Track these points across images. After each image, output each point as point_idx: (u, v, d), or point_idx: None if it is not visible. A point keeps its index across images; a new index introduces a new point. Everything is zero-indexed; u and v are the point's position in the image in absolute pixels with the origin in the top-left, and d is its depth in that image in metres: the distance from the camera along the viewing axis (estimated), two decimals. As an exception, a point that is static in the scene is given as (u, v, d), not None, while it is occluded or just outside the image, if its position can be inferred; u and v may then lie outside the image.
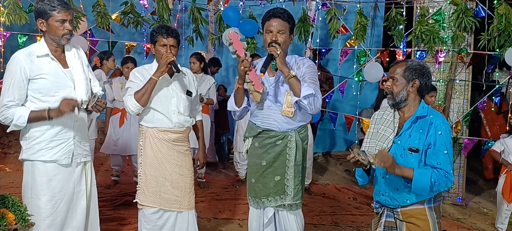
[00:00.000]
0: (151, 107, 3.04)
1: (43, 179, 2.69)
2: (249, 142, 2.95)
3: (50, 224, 2.70)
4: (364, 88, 7.02)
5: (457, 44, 5.54)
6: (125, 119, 5.36)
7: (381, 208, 2.56)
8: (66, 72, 2.71)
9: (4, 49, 5.86)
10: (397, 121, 2.50)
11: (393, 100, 2.47)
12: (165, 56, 2.91)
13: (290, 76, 2.66)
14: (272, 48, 2.66)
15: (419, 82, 2.43)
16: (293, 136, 2.83)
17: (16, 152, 6.54)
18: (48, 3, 2.57)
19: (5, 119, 2.60)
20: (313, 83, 2.74)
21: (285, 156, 2.83)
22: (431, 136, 2.35)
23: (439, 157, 2.33)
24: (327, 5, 6.24)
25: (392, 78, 2.48)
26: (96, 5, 6.08)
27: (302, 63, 2.84)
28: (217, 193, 5.34)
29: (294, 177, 2.84)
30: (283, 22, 2.75)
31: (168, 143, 3.07)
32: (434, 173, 2.29)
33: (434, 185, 2.28)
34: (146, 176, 3.08)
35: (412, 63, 2.46)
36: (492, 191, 4.91)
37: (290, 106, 2.75)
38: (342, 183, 6.16)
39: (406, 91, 2.44)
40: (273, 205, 2.88)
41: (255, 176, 2.92)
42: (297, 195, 2.87)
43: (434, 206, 2.44)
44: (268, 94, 2.82)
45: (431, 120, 2.39)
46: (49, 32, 2.63)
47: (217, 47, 7.02)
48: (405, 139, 2.42)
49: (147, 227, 3.10)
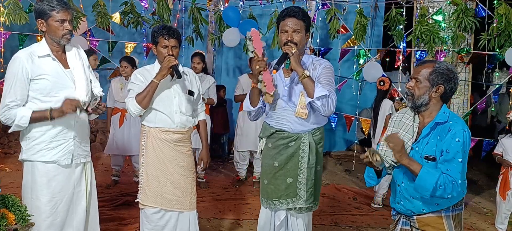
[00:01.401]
0: (153, 108, 3.04)
1: (43, 180, 2.68)
2: (263, 142, 2.91)
3: (50, 225, 2.70)
4: (364, 88, 7.02)
5: (457, 44, 5.55)
6: (125, 119, 5.37)
7: (397, 215, 2.47)
8: (67, 72, 2.70)
9: (4, 49, 5.86)
10: (417, 126, 2.35)
11: (412, 103, 2.31)
12: (167, 60, 2.90)
13: (304, 76, 2.59)
14: (287, 47, 2.62)
15: (444, 89, 2.25)
16: (306, 138, 2.77)
17: (16, 152, 6.54)
18: (47, 3, 2.57)
19: (7, 119, 2.59)
20: (328, 84, 2.67)
21: (298, 158, 2.78)
22: (446, 142, 2.19)
23: (452, 164, 2.18)
24: (327, 5, 6.25)
25: (415, 79, 2.29)
26: (96, 5, 6.08)
27: (318, 64, 2.78)
28: (217, 193, 5.34)
29: (307, 180, 2.78)
30: (299, 21, 2.69)
31: (170, 143, 3.07)
32: (442, 177, 2.15)
33: (438, 189, 2.15)
34: (147, 176, 3.08)
35: (440, 66, 2.26)
36: (492, 191, 4.91)
37: (304, 107, 2.70)
38: (342, 183, 6.16)
39: (429, 96, 2.27)
40: (284, 207, 2.83)
41: (268, 177, 2.88)
42: (310, 198, 2.81)
43: (453, 214, 2.31)
44: (282, 95, 2.78)
45: (450, 126, 2.22)
46: (49, 33, 2.63)
47: (217, 47, 7.02)
48: (423, 146, 2.28)
49: (148, 227, 3.10)
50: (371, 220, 4.66)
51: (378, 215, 4.85)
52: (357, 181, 6.30)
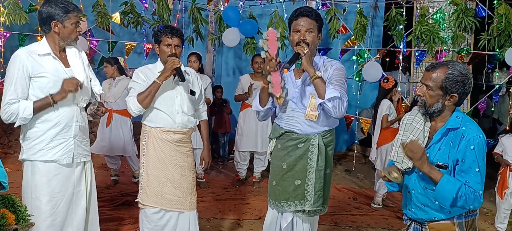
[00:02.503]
0: (155, 107, 3.04)
1: (43, 179, 2.69)
2: (273, 143, 2.89)
3: (50, 225, 2.70)
4: (364, 88, 7.02)
5: (457, 44, 5.55)
6: (112, 120, 5.34)
7: (409, 220, 2.38)
8: (67, 71, 2.71)
9: (4, 49, 5.87)
10: (428, 130, 2.22)
11: (425, 111, 2.17)
12: (171, 61, 2.89)
13: (315, 77, 2.54)
14: (299, 47, 2.57)
15: (458, 97, 2.10)
16: (315, 140, 2.73)
17: (16, 152, 6.53)
18: (63, 6, 2.61)
19: (10, 115, 2.58)
20: (339, 86, 2.61)
21: (307, 160, 2.73)
22: (460, 151, 2.06)
23: (469, 174, 2.05)
24: (327, 5, 6.25)
25: (426, 86, 2.13)
26: (96, 5, 6.08)
27: (330, 65, 2.74)
28: (217, 193, 5.34)
29: (315, 182, 2.74)
30: (311, 21, 2.65)
31: (171, 143, 3.07)
32: (463, 187, 2.02)
33: (459, 199, 2.02)
34: (148, 176, 3.07)
35: (454, 72, 2.08)
36: (492, 191, 4.90)
37: (314, 109, 2.66)
38: (342, 183, 6.16)
39: (441, 104, 2.12)
40: (292, 209, 2.79)
41: (276, 178, 2.85)
42: (318, 201, 2.76)
43: (466, 221, 2.19)
44: (292, 97, 2.75)
45: (464, 133, 2.07)
46: (63, 34, 2.66)
47: (217, 47, 7.02)
48: (434, 152, 2.15)
49: (148, 227, 3.10)
50: (371, 220, 4.66)
51: (378, 215, 4.85)
52: (357, 181, 6.31)
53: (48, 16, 2.61)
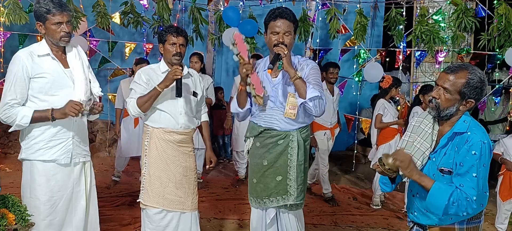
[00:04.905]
0: (158, 108, 3.05)
1: (42, 179, 2.69)
2: (250, 141, 2.94)
3: (49, 224, 2.70)
4: (364, 88, 7.02)
5: (457, 44, 5.55)
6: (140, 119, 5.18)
7: (411, 223, 2.36)
8: (66, 72, 2.71)
9: (4, 49, 5.87)
10: (436, 133, 2.16)
11: (437, 113, 2.10)
12: (174, 70, 2.90)
13: (296, 78, 2.60)
14: (279, 48, 2.62)
15: (474, 103, 2.04)
16: (295, 136, 2.80)
17: (16, 152, 6.54)
18: (44, 6, 2.59)
19: (7, 117, 2.60)
20: (317, 85, 2.70)
21: (287, 156, 2.80)
22: (461, 155, 2.00)
23: (465, 178, 1.98)
24: (327, 5, 6.25)
25: (444, 89, 2.05)
26: (96, 5, 6.08)
27: (305, 64, 2.80)
28: (217, 193, 5.34)
29: (296, 177, 2.81)
30: (289, 23, 2.70)
31: (173, 144, 3.07)
32: (455, 193, 1.96)
33: (451, 206, 1.96)
34: (150, 176, 3.08)
35: (474, 77, 2.01)
36: (492, 191, 4.90)
37: (293, 108, 2.71)
38: (342, 183, 6.16)
39: (456, 108, 2.06)
40: (275, 205, 2.86)
41: (257, 176, 2.90)
42: (301, 195, 2.85)
43: (467, 227, 2.12)
44: (271, 95, 2.80)
45: (468, 138, 2.01)
46: (48, 35, 2.66)
47: (217, 47, 7.02)
48: (440, 157, 2.10)
49: (150, 227, 3.10)
50: (371, 220, 4.66)
51: (378, 215, 4.85)
52: (357, 181, 6.31)
53: (35, 17, 2.64)
